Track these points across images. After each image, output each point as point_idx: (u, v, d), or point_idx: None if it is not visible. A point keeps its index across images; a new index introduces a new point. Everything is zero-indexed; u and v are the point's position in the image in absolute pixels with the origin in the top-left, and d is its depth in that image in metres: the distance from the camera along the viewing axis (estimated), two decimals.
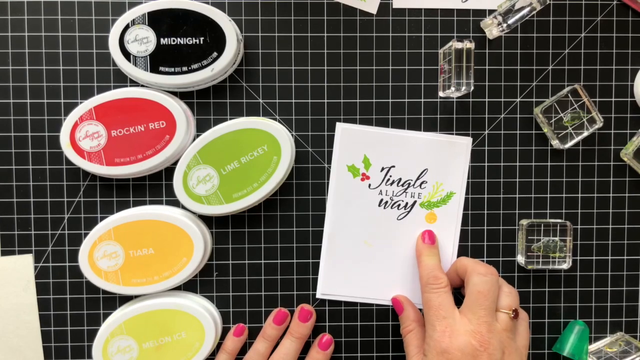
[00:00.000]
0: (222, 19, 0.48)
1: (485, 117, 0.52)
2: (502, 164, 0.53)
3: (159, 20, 0.48)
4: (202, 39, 0.48)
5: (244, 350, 0.52)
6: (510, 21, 0.49)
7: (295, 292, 0.53)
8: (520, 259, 0.52)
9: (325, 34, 0.52)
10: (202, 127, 0.51)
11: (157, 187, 0.52)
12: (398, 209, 0.52)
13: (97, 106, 0.49)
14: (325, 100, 0.52)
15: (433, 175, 0.52)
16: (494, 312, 0.46)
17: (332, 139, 0.52)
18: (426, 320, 0.47)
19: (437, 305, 0.46)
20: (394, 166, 0.52)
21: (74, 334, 0.52)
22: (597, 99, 0.52)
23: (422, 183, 0.52)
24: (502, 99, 0.52)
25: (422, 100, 0.52)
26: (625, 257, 0.53)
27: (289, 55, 0.52)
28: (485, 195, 0.53)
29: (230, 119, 0.51)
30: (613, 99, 0.53)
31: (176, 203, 0.51)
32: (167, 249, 0.49)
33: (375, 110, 0.52)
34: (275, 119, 0.52)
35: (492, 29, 0.50)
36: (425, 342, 0.46)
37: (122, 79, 0.51)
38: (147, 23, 0.48)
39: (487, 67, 0.52)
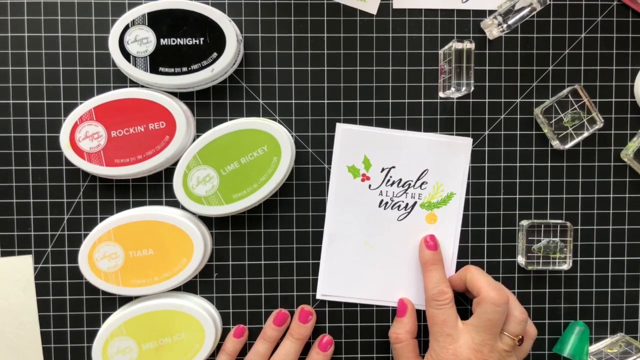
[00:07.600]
0: (222, 19, 0.48)
1: (486, 118, 0.52)
2: (502, 164, 0.52)
3: (158, 21, 0.48)
4: (202, 39, 0.48)
5: (244, 351, 0.52)
6: (510, 21, 0.49)
7: (295, 293, 0.53)
8: (521, 259, 0.52)
9: (325, 35, 0.52)
10: (202, 127, 0.51)
11: (157, 187, 0.52)
12: (398, 209, 0.52)
13: (97, 107, 0.49)
14: (325, 101, 0.52)
15: (433, 176, 0.52)
16: (499, 335, 0.47)
17: (332, 140, 0.52)
18: (430, 333, 0.48)
19: (441, 322, 0.47)
20: (394, 167, 0.52)
21: (73, 335, 0.52)
22: (598, 100, 0.52)
23: (422, 184, 0.52)
24: (502, 100, 0.52)
25: (422, 100, 0.52)
26: (625, 258, 0.53)
27: (289, 56, 0.52)
28: (486, 196, 0.53)
29: (230, 119, 0.51)
30: (613, 100, 0.52)
31: (176, 204, 0.51)
32: (167, 249, 0.49)
33: (375, 111, 0.52)
34: (275, 120, 0.52)
35: (492, 30, 0.50)
36: (428, 354, 0.48)
37: (122, 80, 0.51)
38: (147, 23, 0.48)
39: (487, 68, 0.52)
